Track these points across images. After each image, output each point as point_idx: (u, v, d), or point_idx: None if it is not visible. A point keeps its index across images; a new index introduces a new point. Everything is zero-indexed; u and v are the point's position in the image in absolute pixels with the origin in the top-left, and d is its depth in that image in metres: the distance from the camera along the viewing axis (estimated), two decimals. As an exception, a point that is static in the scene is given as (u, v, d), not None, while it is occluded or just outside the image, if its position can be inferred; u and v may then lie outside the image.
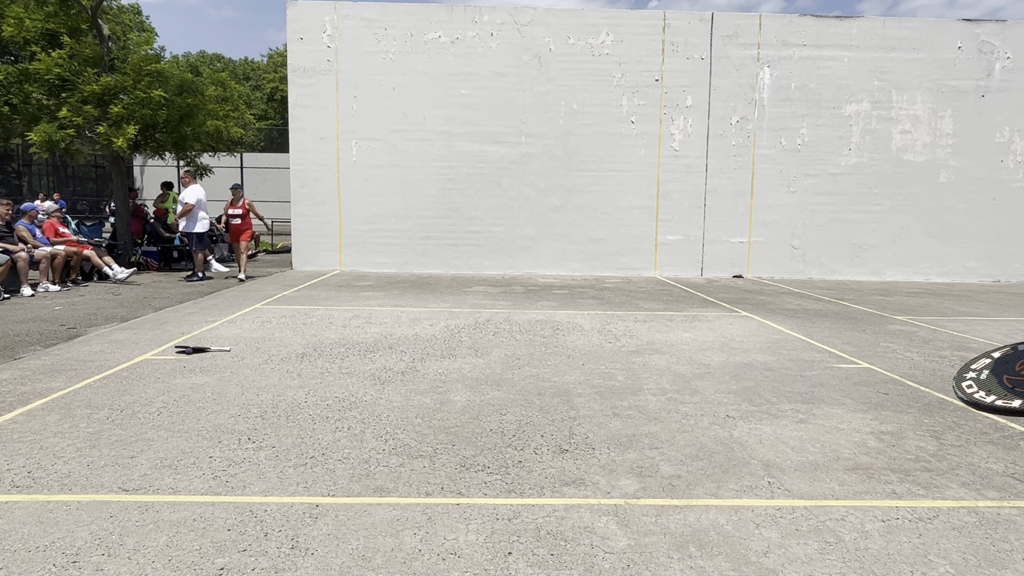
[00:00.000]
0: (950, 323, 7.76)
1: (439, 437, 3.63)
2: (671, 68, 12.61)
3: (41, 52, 10.74)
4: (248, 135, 29.86)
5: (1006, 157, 12.90)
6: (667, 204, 12.85)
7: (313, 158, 12.57)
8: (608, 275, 12.68)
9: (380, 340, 6.13)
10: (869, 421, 4.06)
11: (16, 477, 3.01)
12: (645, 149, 12.73)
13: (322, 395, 4.37)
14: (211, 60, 42.11)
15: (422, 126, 12.56)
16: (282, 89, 35.49)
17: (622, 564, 2.37)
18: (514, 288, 10.39)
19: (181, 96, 11.49)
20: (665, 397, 4.49)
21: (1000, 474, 3.26)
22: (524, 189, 12.75)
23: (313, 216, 12.66)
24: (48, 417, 3.84)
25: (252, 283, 10.41)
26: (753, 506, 2.85)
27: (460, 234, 12.76)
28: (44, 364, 5.07)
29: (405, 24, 12.45)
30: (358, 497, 2.87)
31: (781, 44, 12.66)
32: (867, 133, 12.83)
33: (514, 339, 6.29)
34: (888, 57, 12.68)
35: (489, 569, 2.32)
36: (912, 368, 5.45)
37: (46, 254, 9.10)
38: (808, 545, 2.52)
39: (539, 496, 2.91)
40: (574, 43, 12.55)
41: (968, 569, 2.37)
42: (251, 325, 6.74)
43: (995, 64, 12.75)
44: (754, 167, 12.83)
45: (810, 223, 12.93)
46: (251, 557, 2.37)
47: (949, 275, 13.00)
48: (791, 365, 5.48)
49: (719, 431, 3.81)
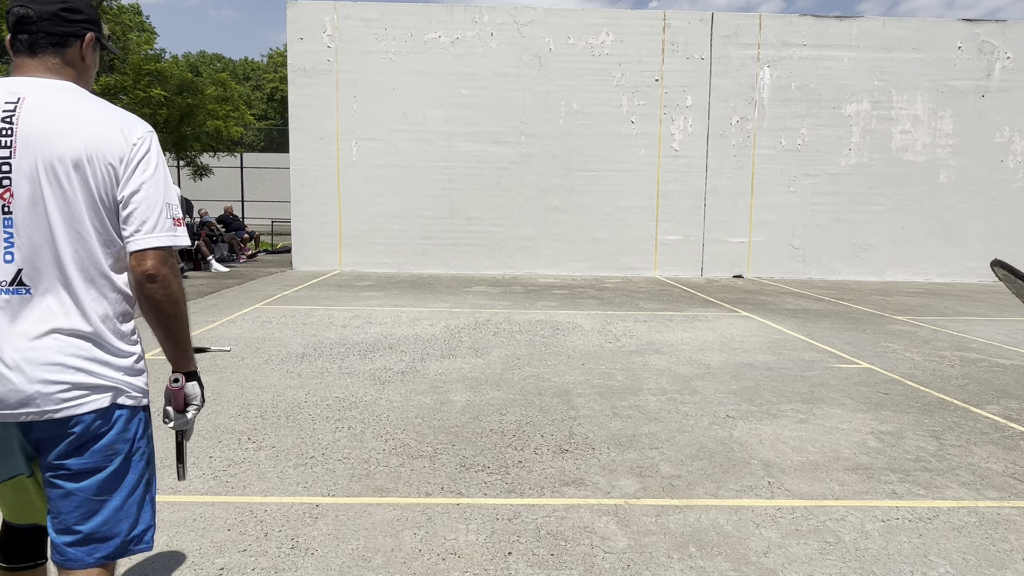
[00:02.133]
0: (950, 323, 7.76)
1: (439, 437, 3.63)
2: (671, 68, 12.62)
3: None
4: (248, 135, 29.86)
5: (1006, 157, 12.90)
6: (667, 204, 12.85)
7: (313, 158, 12.57)
8: (608, 275, 12.68)
9: (380, 340, 6.13)
10: (869, 421, 4.06)
11: (16, 477, 3.00)
12: (645, 149, 12.73)
13: (322, 395, 4.37)
14: (211, 60, 42.10)
15: (422, 126, 12.56)
16: (282, 89, 35.49)
17: (622, 564, 2.37)
18: (514, 288, 10.39)
19: (181, 96, 11.51)
20: (665, 397, 4.49)
21: (1000, 474, 3.26)
22: (524, 189, 12.76)
23: (313, 216, 12.65)
24: (48, 417, 3.83)
25: (252, 283, 10.41)
26: (753, 506, 2.85)
27: (460, 234, 12.76)
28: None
29: (405, 24, 12.45)
30: (358, 497, 2.87)
31: (781, 44, 12.66)
32: (867, 133, 12.83)
33: (514, 339, 6.30)
34: (888, 57, 12.68)
35: (489, 569, 2.32)
36: (912, 368, 5.45)
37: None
38: (808, 545, 2.53)
39: (539, 496, 2.91)
40: (574, 43, 12.55)
41: (968, 569, 2.37)
42: (251, 325, 6.74)
43: (995, 64, 12.75)
44: (754, 167, 12.83)
45: (810, 223, 12.93)
46: (251, 557, 2.37)
47: (949, 275, 13.00)
48: (791, 365, 5.48)
49: (719, 431, 3.81)
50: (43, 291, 1.37)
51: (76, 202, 1.37)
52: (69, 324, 1.38)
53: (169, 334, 1.49)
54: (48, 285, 1.37)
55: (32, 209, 1.36)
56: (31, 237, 1.36)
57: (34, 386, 1.34)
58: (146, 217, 1.41)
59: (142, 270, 1.41)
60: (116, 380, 1.43)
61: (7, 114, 1.35)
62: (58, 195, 1.36)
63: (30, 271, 1.36)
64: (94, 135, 1.38)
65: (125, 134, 1.41)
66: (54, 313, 1.37)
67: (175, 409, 1.59)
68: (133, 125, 1.44)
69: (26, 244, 1.36)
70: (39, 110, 1.36)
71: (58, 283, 1.38)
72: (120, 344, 1.44)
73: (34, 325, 1.35)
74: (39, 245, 1.36)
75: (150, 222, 1.41)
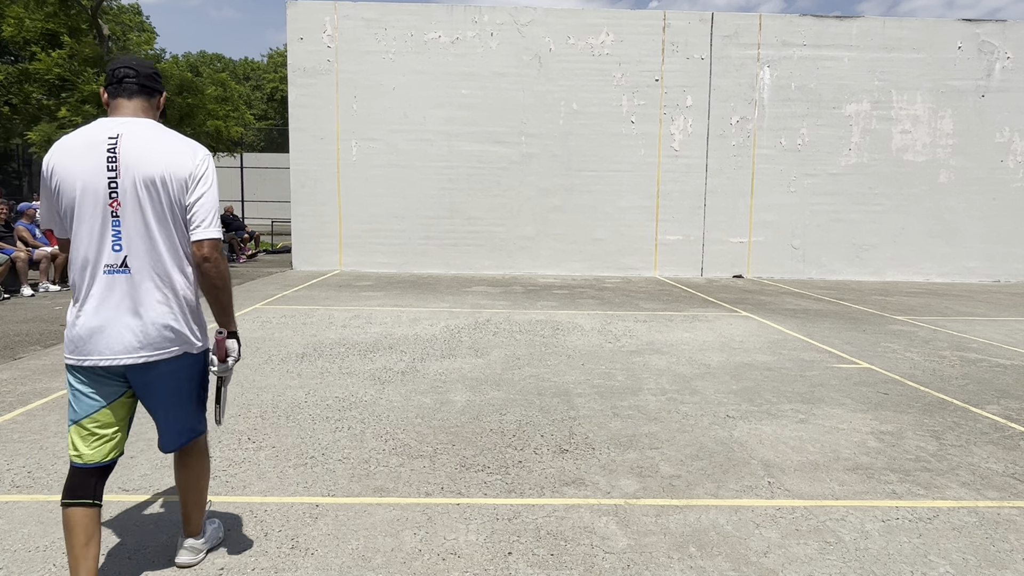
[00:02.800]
0: (950, 323, 7.76)
1: (439, 437, 3.63)
2: (671, 68, 12.61)
3: (41, 52, 10.75)
4: (248, 135, 29.85)
5: (1006, 157, 12.90)
6: (667, 204, 12.85)
7: (313, 158, 12.57)
8: (608, 275, 12.68)
9: (380, 340, 6.13)
10: (869, 421, 4.06)
11: (16, 477, 3.01)
12: (645, 149, 12.73)
13: (322, 395, 4.37)
14: (211, 60, 42.08)
15: (422, 126, 12.56)
16: (282, 89, 35.49)
17: (622, 564, 2.37)
18: (514, 288, 10.39)
19: (181, 96, 11.51)
20: (665, 397, 4.49)
21: (1000, 474, 3.26)
22: (524, 189, 12.76)
23: (313, 216, 12.65)
24: (48, 417, 3.84)
25: (252, 283, 10.41)
26: (753, 506, 2.85)
27: (460, 234, 12.76)
28: (44, 364, 5.07)
29: (405, 24, 12.45)
30: (358, 497, 2.87)
31: (781, 44, 12.66)
32: (867, 133, 12.83)
33: (514, 339, 6.30)
34: (888, 57, 12.68)
35: (489, 569, 2.32)
36: (912, 368, 5.45)
37: (46, 254, 9.10)
38: (808, 545, 2.52)
39: (539, 496, 2.91)
40: (574, 43, 12.55)
41: (968, 569, 2.37)
42: (251, 325, 6.74)
43: (995, 64, 12.75)
44: (754, 167, 12.83)
45: (810, 223, 12.93)
46: (251, 557, 2.37)
47: (949, 275, 13.00)
48: (791, 365, 5.48)
49: (719, 431, 3.81)
50: (141, 271, 1.96)
51: (162, 207, 1.96)
52: (160, 296, 1.98)
53: (218, 301, 2.08)
54: (145, 267, 1.96)
55: (133, 214, 1.94)
56: (132, 234, 1.94)
57: (139, 337, 1.95)
58: (204, 217, 2.01)
59: (200, 254, 2.01)
60: (188, 334, 2.05)
61: (111, 145, 1.93)
62: (150, 203, 1.95)
63: (132, 258, 1.95)
64: (171, 159, 1.97)
65: (191, 158, 2.01)
66: (149, 288, 1.97)
67: (218, 359, 2.14)
68: (196, 151, 2.05)
69: (129, 239, 1.94)
70: (133, 142, 1.95)
71: (151, 266, 1.97)
72: (188, 310, 2.06)
73: (137, 296, 1.95)
74: (138, 239, 1.95)
75: (207, 221, 2.01)
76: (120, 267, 1.94)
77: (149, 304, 1.96)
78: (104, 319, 1.92)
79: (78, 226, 1.93)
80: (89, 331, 1.92)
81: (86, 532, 1.94)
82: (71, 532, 1.94)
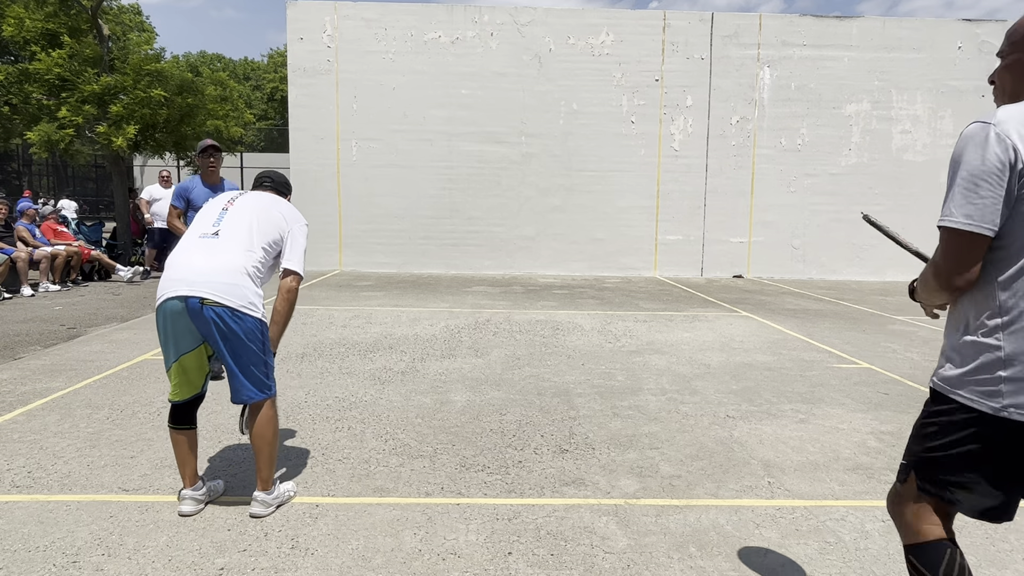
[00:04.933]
0: (950, 323, 7.74)
1: (439, 437, 3.63)
2: (671, 68, 12.61)
3: (41, 52, 10.74)
4: (248, 135, 29.85)
5: (1006, 157, 12.87)
6: (667, 204, 12.85)
7: (313, 158, 12.57)
8: (608, 275, 12.68)
9: (380, 340, 6.13)
10: (869, 421, 4.06)
11: (16, 477, 3.01)
12: (645, 149, 12.73)
13: (322, 395, 4.37)
14: (211, 60, 42.09)
15: (422, 126, 12.56)
16: (282, 89, 35.48)
17: (622, 564, 2.37)
18: (514, 288, 10.39)
19: (181, 96, 11.49)
20: (665, 397, 4.49)
21: (1000, 474, 3.25)
22: (524, 189, 12.75)
23: (313, 216, 12.60)
24: (48, 417, 3.84)
25: (252, 283, 10.40)
26: (753, 506, 2.85)
27: (460, 234, 12.76)
28: (44, 364, 5.07)
29: (405, 24, 12.45)
30: (358, 497, 2.87)
31: (781, 44, 12.65)
32: (867, 133, 12.83)
33: (514, 339, 6.29)
34: (888, 57, 12.68)
35: (489, 569, 2.32)
36: (912, 368, 5.45)
37: (46, 254, 9.10)
38: (808, 545, 2.53)
39: (539, 496, 2.91)
40: (574, 43, 12.54)
41: (968, 569, 2.37)
42: (251, 325, 6.73)
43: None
44: (754, 167, 12.83)
45: (810, 223, 12.93)
46: (251, 557, 2.37)
47: (949, 275, 12.97)
48: (791, 365, 5.48)
49: (719, 431, 3.81)
50: (227, 243, 2.61)
51: (258, 234, 2.67)
52: (235, 265, 2.59)
53: (278, 319, 2.75)
54: (229, 246, 2.61)
55: (239, 219, 2.68)
56: (231, 225, 2.66)
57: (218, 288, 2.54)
58: (292, 256, 2.75)
59: (285, 280, 2.74)
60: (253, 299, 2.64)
61: (239, 193, 2.86)
62: (255, 224, 2.68)
63: (223, 234, 2.64)
64: (279, 218, 2.75)
65: (289, 221, 2.77)
66: (231, 255, 2.59)
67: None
68: (296, 217, 2.82)
69: (226, 227, 2.66)
70: (254, 195, 2.85)
71: (236, 245, 2.62)
72: (255, 285, 2.66)
73: (222, 259, 2.57)
74: (233, 229, 2.65)
75: (295, 260, 2.75)
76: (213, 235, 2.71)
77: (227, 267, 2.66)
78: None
79: None
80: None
81: (189, 443, 2.71)
82: (178, 445, 2.69)
